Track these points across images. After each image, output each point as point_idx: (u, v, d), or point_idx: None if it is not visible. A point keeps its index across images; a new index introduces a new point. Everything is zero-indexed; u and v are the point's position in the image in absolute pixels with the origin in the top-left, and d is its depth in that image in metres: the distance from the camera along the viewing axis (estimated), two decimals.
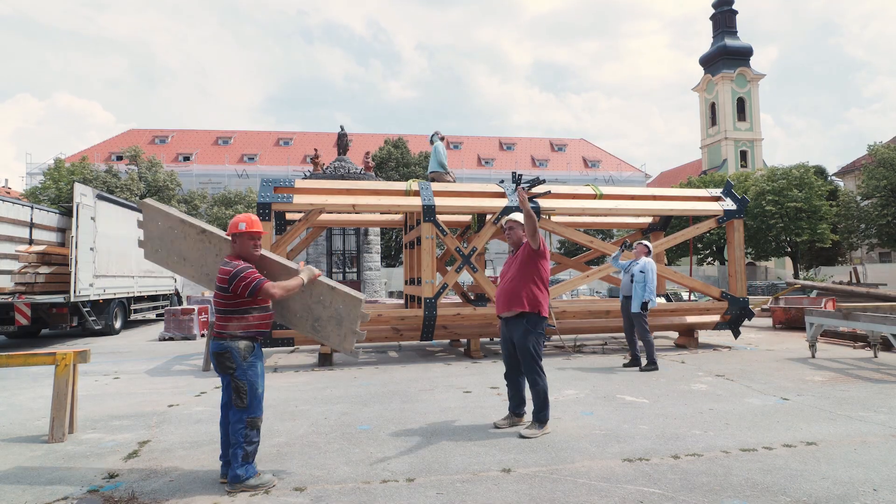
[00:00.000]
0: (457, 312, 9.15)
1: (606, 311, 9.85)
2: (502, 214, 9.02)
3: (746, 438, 4.60)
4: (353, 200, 8.79)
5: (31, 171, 44.77)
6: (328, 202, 8.65)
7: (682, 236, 10.31)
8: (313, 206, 8.65)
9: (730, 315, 10.12)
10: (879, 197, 31.14)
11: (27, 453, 4.47)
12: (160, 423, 5.36)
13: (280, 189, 8.72)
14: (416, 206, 8.89)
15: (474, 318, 9.27)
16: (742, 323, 10.40)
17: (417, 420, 5.31)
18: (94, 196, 12.92)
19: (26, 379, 7.61)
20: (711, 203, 10.35)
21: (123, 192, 29.20)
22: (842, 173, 44.72)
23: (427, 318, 8.79)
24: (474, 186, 9.99)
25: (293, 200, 8.49)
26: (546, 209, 9.22)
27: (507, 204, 9.13)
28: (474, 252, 9.30)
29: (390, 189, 9.37)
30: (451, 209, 9.30)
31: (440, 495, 3.50)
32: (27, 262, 11.95)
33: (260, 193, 8.53)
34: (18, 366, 5.17)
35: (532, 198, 9.13)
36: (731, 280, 10.25)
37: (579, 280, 10.16)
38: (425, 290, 8.82)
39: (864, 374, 7.38)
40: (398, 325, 9.07)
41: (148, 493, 3.61)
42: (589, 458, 4.16)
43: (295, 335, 8.43)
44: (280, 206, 8.50)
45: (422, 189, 9.14)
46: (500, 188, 9.66)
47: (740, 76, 61.06)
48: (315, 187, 9.08)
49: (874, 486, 3.56)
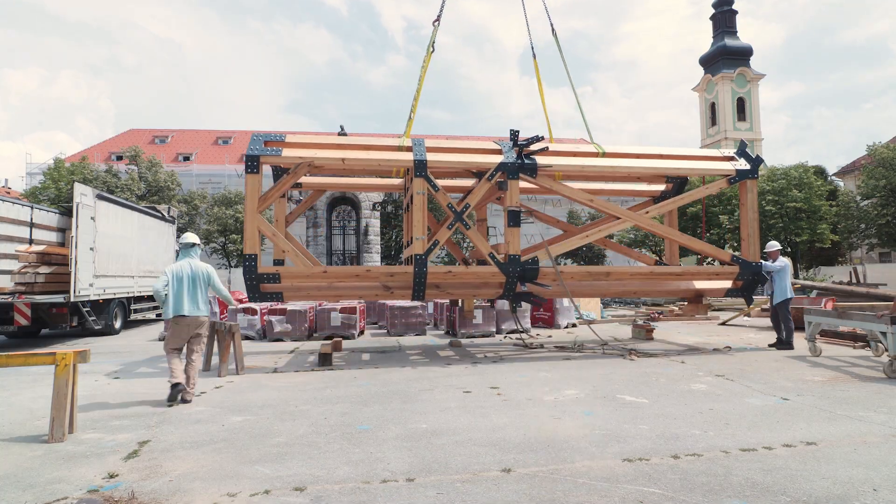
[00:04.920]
0: (448, 270, 9.06)
1: (607, 273, 9.57)
2: (498, 171, 8.93)
3: (746, 438, 4.60)
4: (343, 155, 8.65)
5: (31, 171, 44.76)
6: (317, 156, 8.56)
7: (691, 196, 9.96)
8: (302, 159, 8.55)
9: (742, 281, 9.72)
10: (879, 197, 31.14)
11: (27, 453, 4.46)
12: (160, 423, 5.36)
13: (270, 143, 8.63)
14: (408, 160, 8.71)
15: (467, 277, 9.10)
16: (755, 290, 10.02)
17: (417, 420, 5.31)
18: (93, 196, 12.91)
19: (26, 379, 7.61)
20: (723, 163, 9.91)
21: (123, 192, 29.18)
22: (842, 173, 44.77)
23: (418, 274, 8.65)
24: (469, 142, 9.74)
25: (282, 153, 8.45)
26: (543, 167, 9.03)
27: (503, 160, 8.96)
28: (467, 209, 9.09)
29: (381, 145, 9.24)
30: (445, 165, 9.05)
31: (440, 495, 3.50)
32: (27, 262, 11.95)
33: (249, 147, 8.48)
34: (18, 366, 5.17)
35: (529, 154, 9.00)
36: (742, 243, 9.82)
37: (577, 240, 9.76)
38: (416, 247, 8.72)
39: (864, 374, 7.38)
40: (388, 281, 8.93)
41: (148, 493, 3.61)
42: (589, 458, 4.16)
43: (283, 290, 8.71)
44: (268, 160, 8.48)
45: (414, 144, 9.00)
46: (497, 145, 9.40)
47: (740, 76, 61.05)
48: (305, 142, 8.90)
49: (874, 486, 3.56)
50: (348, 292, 9.14)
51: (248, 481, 3.78)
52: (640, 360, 8.67)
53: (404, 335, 12.69)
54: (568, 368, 8.09)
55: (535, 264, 9.12)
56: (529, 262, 9.10)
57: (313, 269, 8.78)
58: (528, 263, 9.08)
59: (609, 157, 9.58)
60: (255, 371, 8.18)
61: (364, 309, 14.25)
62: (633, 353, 9.25)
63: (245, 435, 4.88)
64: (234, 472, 3.95)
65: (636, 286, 10.08)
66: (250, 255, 8.45)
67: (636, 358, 8.88)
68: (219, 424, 5.24)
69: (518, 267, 9.00)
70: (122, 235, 14.24)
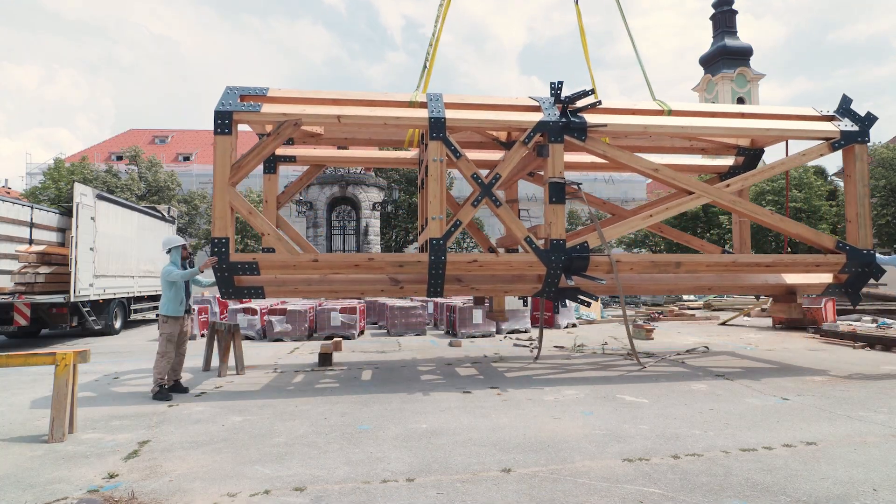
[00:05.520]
0: (473, 259, 7.20)
1: (677, 263, 7.56)
2: (536, 132, 7.16)
3: (746, 438, 4.60)
4: (340, 111, 6.92)
5: (31, 171, 44.76)
6: (306, 112, 6.86)
7: (784, 165, 7.91)
8: (287, 116, 6.78)
9: (847, 274, 7.81)
10: (879, 197, 31.20)
11: (27, 453, 4.46)
12: (160, 423, 5.36)
13: (248, 97, 7.02)
14: (422, 119, 6.99)
15: (497, 268, 7.28)
16: (864, 285, 8.11)
17: (417, 420, 5.31)
18: (93, 196, 12.91)
19: (26, 379, 7.61)
20: (823, 123, 7.91)
21: (123, 192, 29.18)
22: (841, 173, 44.76)
23: (434, 264, 6.88)
24: (498, 99, 7.78)
25: (261, 109, 6.84)
26: (595, 126, 7.23)
27: (544, 118, 7.20)
28: (497, 181, 7.25)
29: (389, 100, 7.36)
30: (469, 124, 7.25)
31: (440, 495, 3.50)
32: (27, 262, 11.95)
33: (220, 101, 6.84)
34: (18, 366, 5.17)
35: (577, 111, 7.33)
36: (848, 227, 7.91)
37: (638, 220, 7.88)
38: (432, 229, 6.91)
39: (865, 374, 7.38)
40: (397, 273, 7.20)
41: (148, 493, 3.61)
42: (589, 458, 4.16)
43: (264, 283, 7.19)
44: (244, 117, 6.82)
45: (430, 99, 7.25)
46: (534, 101, 7.60)
47: (740, 76, 61.09)
48: (292, 96, 7.25)
49: (874, 486, 3.56)
50: (346, 287, 7.47)
51: (248, 481, 3.78)
52: (640, 361, 8.67)
53: (404, 335, 12.70)
54: (568, 368, 8.07)
55: (584, 252, 7.26)
56: (577, 248, 7.26)
57: (301, 258, 6.97)
58: (575, 251, 7.23)
59: (677, 116, 7.73)
60: (256, 371, 8.18)
61: (364, 309, 14.26)
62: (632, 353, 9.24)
63: (245, 435, 4.88)
64: (234, 472, 3.95)
65: (711, 280, 8.19)
66: (220, 239, 6.72)
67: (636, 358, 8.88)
68: (219, 424, 5.24)
69: (563, 255, 7.16)
70: (122, 235, 14.25)
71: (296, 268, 6.99)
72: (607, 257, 7.33)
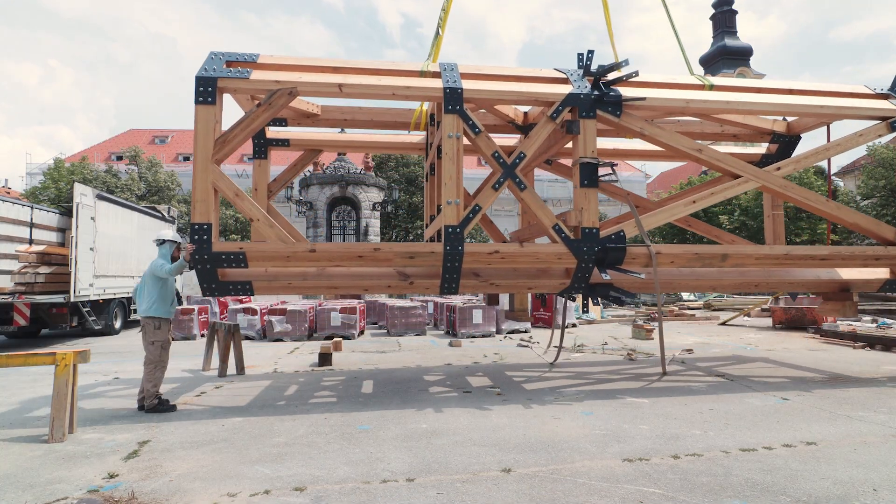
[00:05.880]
0: (495, 250, 6.30)
1: (723, 255, 6.76)
2: (565, 106, 6.41)
3: (746, 438, 4.60)
4: (341, 80, 6.13)
5: (31, 171, 44.77)
6: (302, 80, 6.05)
7: (840, 147, 7.16)
8: (280, 84, 5.98)
9: None
10: (879, 197, 31.17)
11: (27, 453, 4.46)
12: (160, 423, 5.35)
13: (234, 63, 6.17)
14: (436, 89, 6.21)
15: (520, 260, 6.46)
16: None
17: (417, 420, 5.31)
18: (93, 196, 12.91)
19: (26, 379, 7.61)
20: (878, 101, 7.33)
21: (123, 192, 29.18)
22: (842, 173, 44.78)
23: (449, 256, 6.04)
24: (520, 70, 6.99)
25: (250, 76, 6.01)
26: (631, 100, 6.54)
27: (574, 90, 6.48)
28: (521, 160, 6.40)
29: (398, 69, 6.55)
30: (489, 96, 6.44)
31: (440, 495, 3.50)
32: (27, 262, 11.95)
33: (203, 66, 6.00)
34: (18, 366, 5.17)
35: (610, 84, 6.65)
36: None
37: (681, 206, 6.88)
38: (447, 215, 6.07)
39: (865, 374, 7.38)
40: (407, 265, 6.41)
41: (148, 493, 3.61)
42: (589, 458, 4.16)
43: (253, 278, 6.34)
44: (229, 83, 5.96)
45: (443, 69, 6.46)
46: (561, 73, 6.88)
47: (740, 76, 61.11)
48: (286, 63, 6.41)
49: (874, 486, 3.56)
50: (347, 282, 6.61)
51: (248, 481, 3.78)
52: (639, 361, 8.66)
53: (404, 335, 12.71)
54: (568, 368, 8.07)
55: (621, 242, 6.44)
56: (612, 238, 6.44)
57: (296, 247, 6.00)
58: (610, 240, 6.41)
59: (719, 91, 7.00)
60: (256, 371, 8.18)
61: (364, 309, 14.26)
62: (632, 353, 9.26)
63: (245, 435, 4.88)
64: (234, 472, 3.95)
65: (758, 276, 7.46)
66: (201, 226, 5.79)
67: (635, 358, 8.88)
68: (219, 424, 5.24)
69: (596, 245, 6.36)
70: (121, 235, 14.25)
71: (289, 259, 6.06)
72: (647, 248, 6.50)
